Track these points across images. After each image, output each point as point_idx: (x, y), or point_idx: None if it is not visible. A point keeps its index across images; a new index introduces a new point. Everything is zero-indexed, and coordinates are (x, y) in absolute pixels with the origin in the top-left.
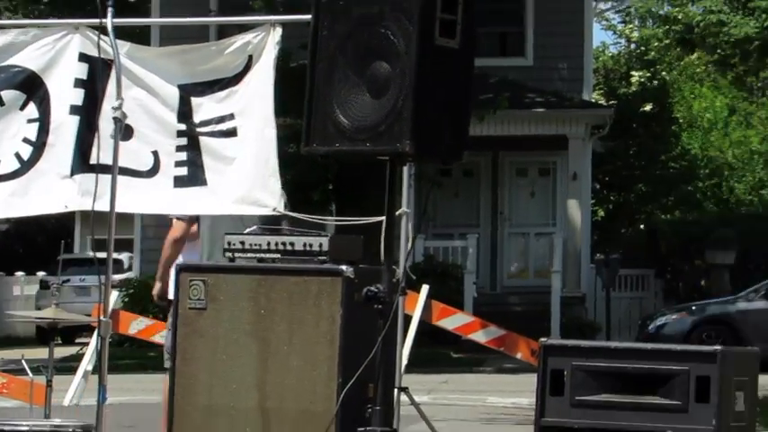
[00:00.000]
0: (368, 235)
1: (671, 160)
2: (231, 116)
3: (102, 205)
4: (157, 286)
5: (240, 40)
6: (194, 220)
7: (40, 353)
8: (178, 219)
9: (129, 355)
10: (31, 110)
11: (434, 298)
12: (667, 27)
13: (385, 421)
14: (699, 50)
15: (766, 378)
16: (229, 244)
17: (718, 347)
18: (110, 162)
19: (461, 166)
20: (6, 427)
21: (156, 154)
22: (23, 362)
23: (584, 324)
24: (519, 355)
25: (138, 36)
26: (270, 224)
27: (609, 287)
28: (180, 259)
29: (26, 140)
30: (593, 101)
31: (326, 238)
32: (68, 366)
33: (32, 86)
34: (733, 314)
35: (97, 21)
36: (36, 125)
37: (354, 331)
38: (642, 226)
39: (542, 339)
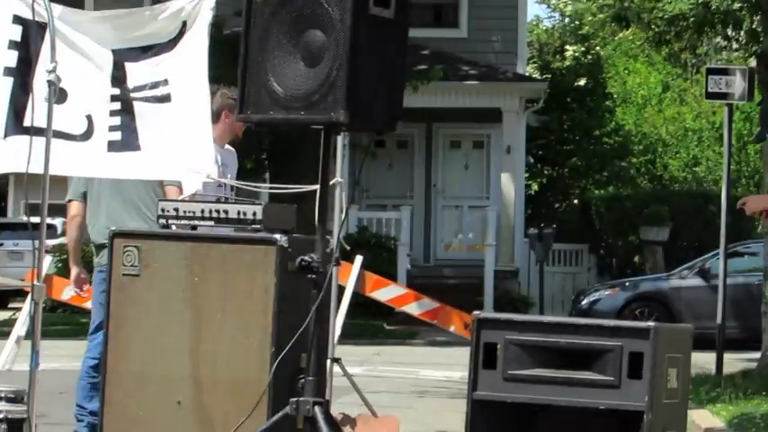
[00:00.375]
0: (301, 204)
1: (605, 135)
2: (165, 82)
3: (36, 168)
4: None
5: (174, 5)
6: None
7: None
8: (169, 185)
9: (62, 321)
10: None
11: (368, 269)
12: (601, 2)
13: (317, 392)
14: (634, 26)
15: (699, 355)
16: (163, 210)
17: (651, 324)
18: (44, 125)
19: (395, 137)
20: None
21: (89, 118)
22: None
23: (517, 298)
24: (452, 328)
25: (73, 0)
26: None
27: (542, 262)
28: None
29: None
30: (528, 74)
31: (260, 206)
32: (1, 331)
33: None
34: (666, 291)
35: None
36: None
37: (288, 301)
38: (576, 201)
39: (475, 312)
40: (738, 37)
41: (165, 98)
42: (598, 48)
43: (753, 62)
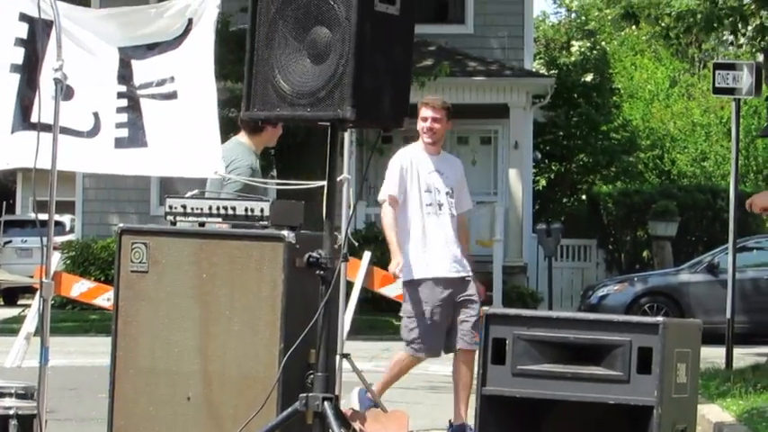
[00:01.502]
0: (309, 201)
1: (612, 131)
2: (171, 79)
3: (44, 163)
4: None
5: (180, 3)
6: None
7: None
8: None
9: (71, 318)
10: None
11: (376, 265)
12: None
13: (326, 387)
14: (642, 22)
15: (708, 350)
16: (171, 207)
17: (660, 319)
18: (51, 122)
19: (402, 133)
20: None
21: (96, 115)
22: None
23: (525, 294)
24: None
25: None
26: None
27: (551, 257)
28: None
29: None
30: (535, 70)
31: (268, 202)
32: (10, 328)
33: None
34: (675, 286)
35: None
36: None
37: (296, 297)
38: (584, 196)
39: (484, 308)
40: (746, 32)
41: (172, 95)
42: (604, 43)
43: (760, 57)
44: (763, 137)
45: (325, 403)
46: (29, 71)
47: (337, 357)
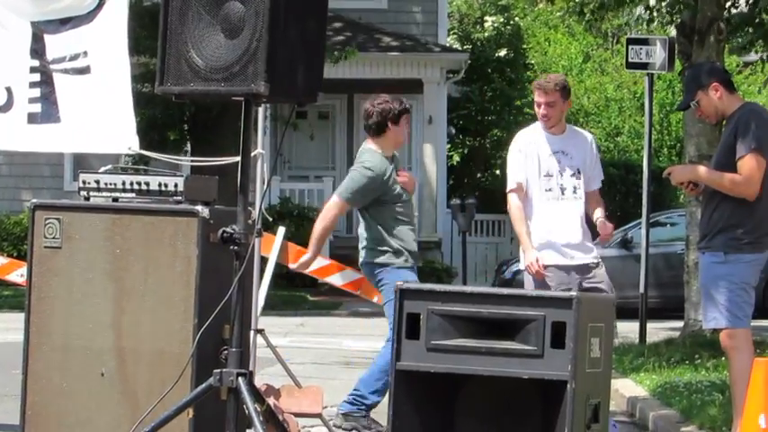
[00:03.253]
0: (223, 176)
1: (526, 106)
2: (84, 54)
3: None
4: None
5: None
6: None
7: None
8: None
9: None
10: None
11: (291, 240)
12: None
13: (241, 363)
14: None
15: (622, 325)
16: (84, 183)
17: (573, 293)
18: None
19: (316, 108)
20: None
21: (9, 90)
22: None
23: (440, 269)
24: (375, 299)
25: None
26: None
27: (465, 232)
28: None
29: None
30: (449, 45)
31: (181, 178)
32: None
33: None
34: None
35: None
36: None
37: (210, 272)
38: (498, 171)
39: (398, 283)
40: (660, 8)
41: (85, 70)
42: (518, 18)
43: (673, 32)
44: (679, 110)
45: (240, 379)
46: None
47: (251, 333)
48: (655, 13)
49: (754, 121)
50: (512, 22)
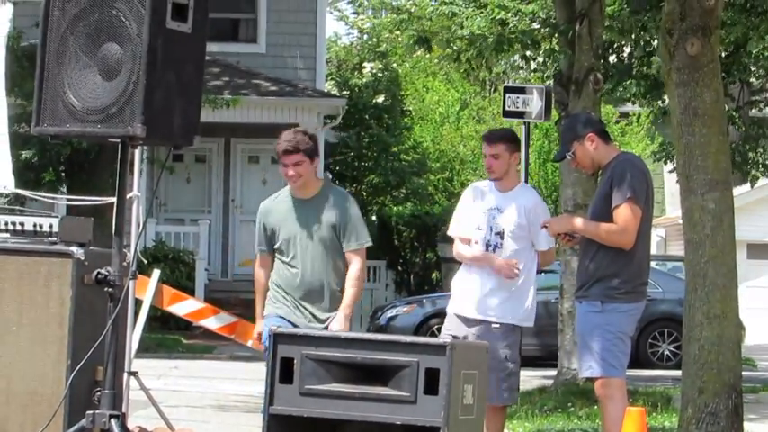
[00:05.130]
0: (99, 217)
1: (403, 152)
2: None
3: None
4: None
5: None
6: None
7: None
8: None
9: None
10: None
11: (165, 283)
12: (400, 19)
13: (114, 405)
14: (435, 46)
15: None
16: None
17: (447, 340)
18: None
19: (193, 151)
20: None
21: None
22: None
23: None
24: (250, 343)
25: None
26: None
27: None
28: None
29: None
30: (326, 90)
31: (57, 218)
32: None
33: None
34: None
35: None
36: None
37: (84, 313)
38: (374, 217)
39: (272, 327)
40: (536, 57)
41: None
42: (396, 65)
43: (550, 81)
44: (556, 161)
45: (112, 421)
46: None
47: (125, 375)
48: (532, 63)
49: (630, 171)
50: (390, 69)
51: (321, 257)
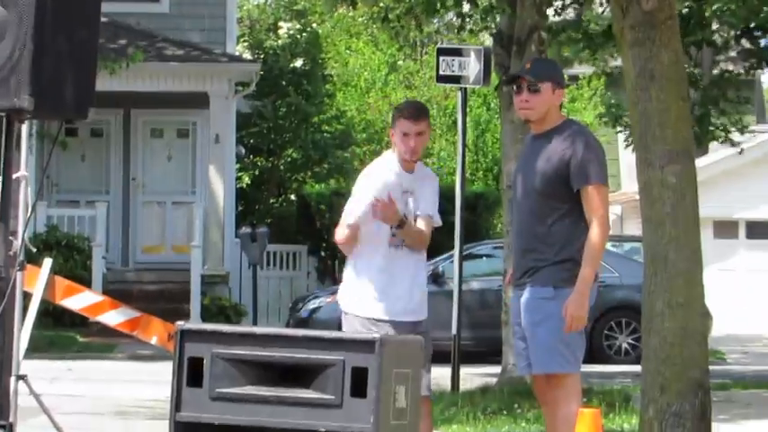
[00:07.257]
0: None
1: (325, 123)
2: None
3: None
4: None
5: None
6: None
7: None
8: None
9: None
10: None
11: (58, 274)
12: None
13: (0, 414)
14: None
15: (432, 370)
16: None
17: (376, 335)
18: None
19: (88, 125)
20: None
21: None
22: None
23: (227, 306)
24: (154, 340)
25: None
26: None
27: (256, 265)
28: None
29: None
30: (238, 54)
31: None
32: None
33: None
34: None
35: None
36: None
37: None
38: (293, 196)
39: (179, 323)
40: (473, 15)
41: None
42: (316, 25)
43: (489, 42)
44: (509, 84)
45: None
46: None
47: (12, 379)
48: (468, 22)
49: (597, 148)
50: (309, 29)
51: None
